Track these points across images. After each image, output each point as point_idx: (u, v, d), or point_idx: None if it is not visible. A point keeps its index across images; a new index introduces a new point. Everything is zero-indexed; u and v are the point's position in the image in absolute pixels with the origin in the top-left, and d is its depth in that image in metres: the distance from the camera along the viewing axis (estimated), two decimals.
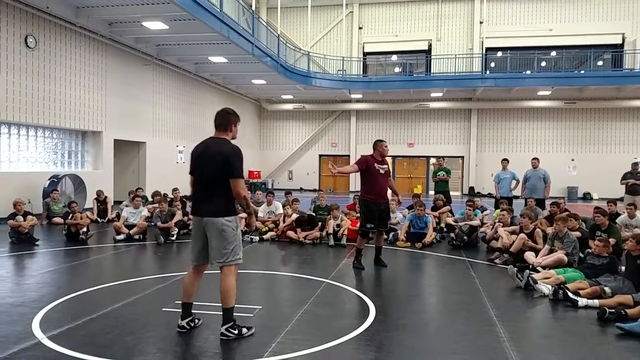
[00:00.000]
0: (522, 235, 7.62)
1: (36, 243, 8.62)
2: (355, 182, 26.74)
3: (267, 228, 9.81)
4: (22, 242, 8.62)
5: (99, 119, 14.74)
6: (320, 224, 9.34)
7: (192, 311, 4.29)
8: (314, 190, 24.31)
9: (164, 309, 4.83)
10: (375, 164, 6.81)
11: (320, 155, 27.70)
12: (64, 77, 13.26)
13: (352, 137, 26.91)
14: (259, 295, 5.54)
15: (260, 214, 10.29)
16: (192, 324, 4.26)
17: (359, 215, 10.06)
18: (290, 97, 26.04)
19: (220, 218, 4.01)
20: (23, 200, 9.49)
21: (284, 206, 10.02)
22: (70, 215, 9.47)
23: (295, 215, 9.60)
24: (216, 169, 3.99)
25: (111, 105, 15.22)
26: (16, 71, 11.74)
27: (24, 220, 8.84)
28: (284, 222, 9.58)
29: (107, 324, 4.43)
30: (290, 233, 9.27)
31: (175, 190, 11.83)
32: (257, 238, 9.37)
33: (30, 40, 12.06)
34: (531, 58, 23.56)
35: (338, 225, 9.15)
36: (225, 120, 4.19)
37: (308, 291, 5.67)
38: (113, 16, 13.47)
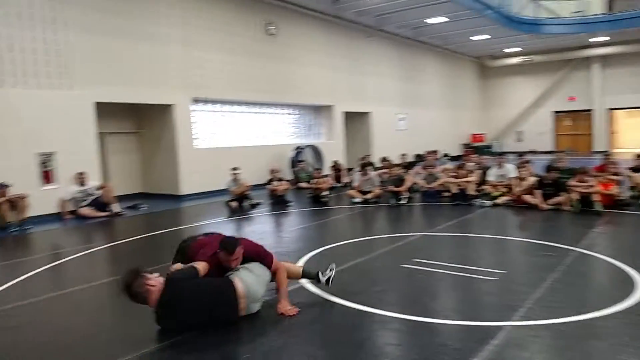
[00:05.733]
0: None
1: (289, 204, 10.05)
2: (598, 142, 23.16)
3: (499, 192, 9.31)
4: (278, 204, 10.16)
5: (329, 94, 16.07)
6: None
7: None
8: (548, 152, 21.89)
9: (402, 265, 5.08)
10: None
11: (555, 112, 24.75)
12: (297, 59, 14.75)
13: (594, 89, 23.22)
14: (498, 260, 5.33)
15: (490, 178, 9.83)
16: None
17: (610, 178, 8.75)
18: (516, 49, 23.74)
19: None
20: (278, 167, 11.13)
21: (517, 168, 9.34)
22: (314, 180, 10.72)
23: (532, 179, 8.85)
24: None
25: (339, 80, 16.38)
26: (260, 56, 13.52)
27: (279, 185, 10.38)
28: (518, 186, 8.93)
29: (356, 274, 4.91)
30: (527, 197, 8.59)
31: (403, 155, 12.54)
32: (488, 202, 8.97)
33: (271, 27, 13.72)
34: None
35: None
36: None
37: (553, 259, 5.18)
38: None
